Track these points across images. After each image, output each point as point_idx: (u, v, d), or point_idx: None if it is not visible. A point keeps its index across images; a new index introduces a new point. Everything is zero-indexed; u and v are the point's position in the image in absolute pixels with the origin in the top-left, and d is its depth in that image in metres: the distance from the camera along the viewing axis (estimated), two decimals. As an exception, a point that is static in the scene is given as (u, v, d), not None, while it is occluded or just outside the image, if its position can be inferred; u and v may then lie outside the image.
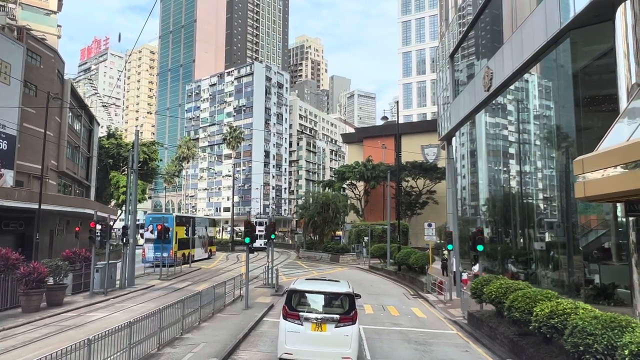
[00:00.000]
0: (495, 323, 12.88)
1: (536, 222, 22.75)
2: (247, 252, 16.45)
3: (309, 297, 9.76)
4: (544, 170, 21.90)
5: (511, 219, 25.45)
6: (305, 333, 9.13)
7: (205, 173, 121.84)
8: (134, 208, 23.79)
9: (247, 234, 15.91)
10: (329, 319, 9.17)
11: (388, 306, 18.88)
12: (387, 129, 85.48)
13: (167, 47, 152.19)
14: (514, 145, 25.72)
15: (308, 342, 9.09)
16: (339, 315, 9.25)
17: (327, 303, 9.70)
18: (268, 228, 22.10)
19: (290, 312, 9.36)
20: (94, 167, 52.10)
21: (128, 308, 16.48)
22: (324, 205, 44.29)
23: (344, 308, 9.46)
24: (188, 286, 23.01)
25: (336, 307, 9.64)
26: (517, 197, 25.03)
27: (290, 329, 9.25)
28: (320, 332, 9.12)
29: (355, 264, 40.67)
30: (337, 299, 9.76)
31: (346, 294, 9.64)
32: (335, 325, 9.12)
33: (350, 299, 9.54)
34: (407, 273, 27.21)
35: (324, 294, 9.80)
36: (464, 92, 28.25)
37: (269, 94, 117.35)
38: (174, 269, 29.21)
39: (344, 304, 9.55)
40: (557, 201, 19.98)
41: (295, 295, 9.66)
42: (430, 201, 62.06)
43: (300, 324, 9.23)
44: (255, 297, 19.39)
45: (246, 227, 16.03)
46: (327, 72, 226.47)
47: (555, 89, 19.46)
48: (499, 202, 26.83)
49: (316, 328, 9.14)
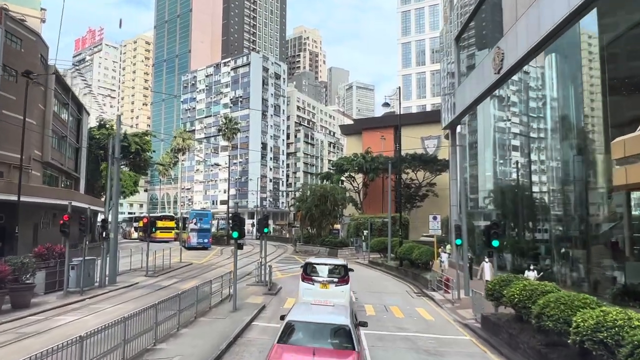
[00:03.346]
0: (516, 330, 11.25)
1: (550, 214, 21.15)
2: (235, 248, 14.77)
3: (317, 267, 14.68)
4: (560, 159, 20.26)
5: (520, 212, 23.84)
6: (316, 289, 13.75)
7: (202, 165, 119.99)
8: (116, 200, 22.10)
9: (235, 228, 14.23)
10: (331, 281, 14.02)
11: (391, 306, 17.26)
12: (386, 120, 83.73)
13: (162, 37, 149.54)
14: (526, 133, 24.03)
15: (318, 295, 13.28)
16: (337, 278, 14.16)
17: (329, 271, 14.56)
18: (260, 221, 20.42)
19: (306, 277, 14.19)
20: (84, 158, 50.25)
21: (102, 310, 14.81)
22: (321, 197, 42.63)
23: (341, 274, 14.38)
24: (175, 284, 21.37)
25: (335, 273, 14.46)
26: (527, 189, 23.39)
27: (306, 287, 13.95)
28: (326, 289, 13.75)
29: (354, 258, 39.08)
30: (336, 269, 14.77)
31: (342, 265, 15.08)
32: (335, 284, 13.93)
33: (344, 269, 14.65)
34: (409, 269, 25.62)
35: (327, 265, 14.98)
36: (471, 76, 26.49)
37: (266, 84, 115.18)
38: (162, 264, 27.61)
39: (341, 271, 14.56)
40: (573, 192, 18.35)
41: (309, 266, 14.66)
42: (430, 194, 60.49)
43: (312, 284, 13.95)
44: (246, 297, 17.76)
45: (234, 220, 14.34)
46: (325, 63, 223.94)
47: (575, 67, 17.74)
48: (507, 193, 25.19)
49: (323, 287, 13.85)
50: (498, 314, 13.54)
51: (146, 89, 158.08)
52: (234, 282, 14.89)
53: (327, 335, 7.83)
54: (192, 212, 50.83)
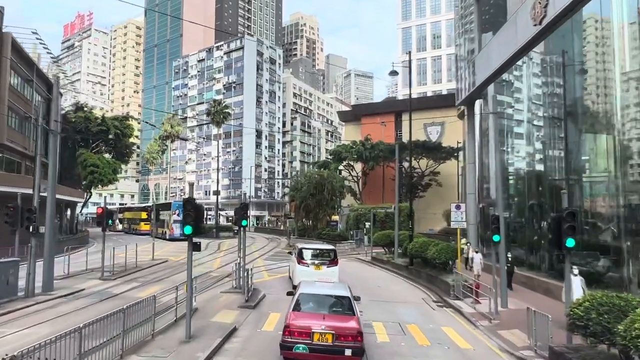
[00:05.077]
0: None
1: (606, 204, 16.72)
2: (190, 250, 10.21)
3: (311, 252, 17.73)
4: (618, 136, 15.81)
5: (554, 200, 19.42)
6: (310, 271, 16.44)
7: (194, 155, 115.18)
8: (52, 182, 17.55)
9: (189, 220, 9.74)
10: (323, 263, 17.17)
11: (408, 325, 12.84)
12: (387, 106, 79.42)
13: (153, 21, 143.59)
14: (573, 105, 19.42)
15: (312, 275, 15.43)
16: (328, 261, 17.36)
17: (321, 255, 17.72)
18: (238, 212, 15.92)
19: (302, 261, 17.08)
20: (57, 143, 45.44)
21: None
22: (318, 185, 38.14)
23: (331, 257, 17.60)
24: (130, 290, 16.91)
25: (326, 257, 17.66)
26: (581, 171, 18.91)
27: (302, 269, 16.70)
28: (319, 270, 16.62)
29: (354, 254, 34.67)
30: (327, 252, 18.01)
31: (332, 249, 18.45)
32: (327, 266, 17.05)
33: (333, 252, 17.97)
34: (422, 269, 21.22)
35: (319, 250, 18.33)
36: (498, 36, 21.82)
37: (260, 70, 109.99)
38: (133, 262, 23.17)
39: (331, 254, 17.77)
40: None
41: (304, 250, 17.68)
42: (434, 183, 56.27)
43: (307, 266, 16.88)
44: (213, 313, 13.32)
45: (186, 209, 9.82)
46: (322, 51, 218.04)
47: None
48: (546, 179, 20.70)
49: (316, 268, 16.78)
50: (575, 347, 9.14)
51: (137, 75, 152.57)
52: (188, 299, 10.34)
53: (333, 304, 9.72)
54: (175, 203, 47.49)
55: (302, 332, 8.56)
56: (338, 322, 8.88)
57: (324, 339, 8.49)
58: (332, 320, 8.87)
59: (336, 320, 8.95)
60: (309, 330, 8.55)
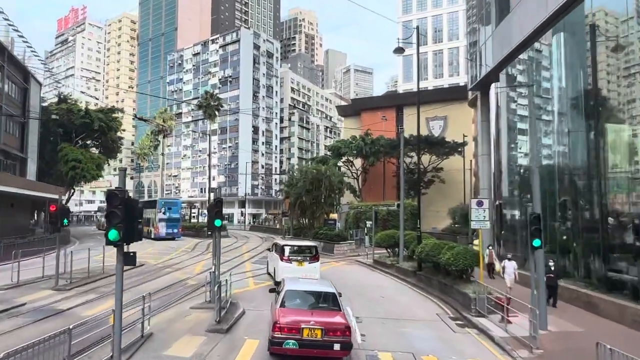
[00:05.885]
0: None
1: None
2: (119, 265, 7.15)
3: (294, 249, 18.25)
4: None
5: (598, 196, 16.42)
6: (293, 267, 16.77)
7: (189, 151, 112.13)
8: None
9: (115, 221, 6.73)
10: (305, 259, 17.47)
11: (425, 358, 9.83)
12: (387, 99, 76.44)
13: (147, 14, 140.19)
14: (616, 86, 16.36)
15: (295, 272, 15.87)
16: (310, 257, 17.66)
17: (303, 251, 18.25)
18: (211, 208, 12.87)
19: (284, 257, 17.25)
20: (35, 136, 42.44)
21: None
22: (314, 181, 35.05)
23: (313, 253, 17.91)
24: (81, 305, 13.87)
25: (308, 253, 18.02)
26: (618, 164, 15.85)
27: (285, 265, 16.91)
28: (301, 266, 16.96)
29: (354, 255, 31.65)
30: (309, 249, 18.40)
31: (313, 246, 18.77)
32: (309, 262, 17.31)
33: (315, 248, 18.35)
34: (434, 276, 18.22)
35: (302, 247, 18.93)
36: (524, 3, 18.72)
37: (257, 63, 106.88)
38: (101, 267, 20.17)
39: (312, 251, 18.12)
40: None
41: (286, 247, 17.82)
42: (436, 179, 53.37)
43: (290, 262, 17.11)
44: (174, 338, 10.31)
45: (111, 204, 6.77)
46: (321, 46, 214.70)
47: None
48: (580, 174, 17.65)
49: (299, 265, 17.04)
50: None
51: (132, 70, 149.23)
52: (115, 342, 7.27)
53: (319, 300, 9.99)
54: (160, 201, 46.26)
55: (292, 328, 8.62)
56: (326, 317, 9.03)
57: (314, 334, 8.60)
58: (321, 316, 9.02)
59: (324, 315, 9.12)
60: (298, 326, 8.63)
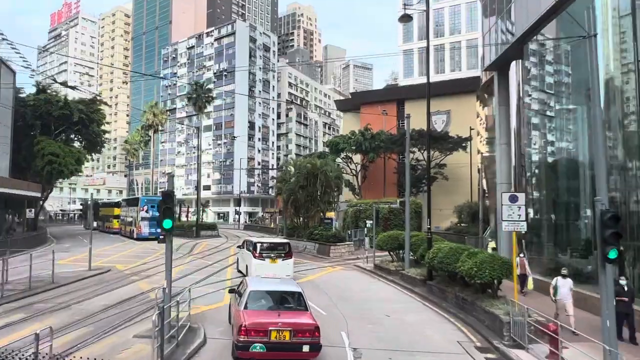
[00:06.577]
0: None
1: None
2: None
3: (266, 246, 18.41)
4: None
5: None
6: (266, 264, 17.05)
7: (184, 147, 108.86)
8: None
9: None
10: (278, 256, 17.78)
11: None
12: (388, 94, 72.91)
13: (141, 8, 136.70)
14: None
15: (268, 269, 16.32)
16: (283, 254, 18.05)
17: (276, 248, 18.39)
18: (160, 205, 9.70)
19: (258, 255, 17.46)
20: (7, 128, 39.09)
21: None
22: (309, 175, 31.80)
23: (285, 250, 18.32)
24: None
25: (281, 250, 18.33)
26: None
27: (258, 262, 17.12)
28: (274, 263, 17.33)
29: (353, 258, 28.33)
30: (281, 246, 18.72)
31: (286, 243, 19.26)
32: (282, 259, 17.76)
33: (288, 245, 18.78)
34: (448, 287, 15.00)
35: (274, 244, 19.14)
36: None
37: (253, 57, 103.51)
38: (29, 279, 16.89)
39: (285, 248, 18.49)
40: None
41: (259, 244, 18.08)
42: (439, 176, 50.11)
43: (263, 260, 17.33)
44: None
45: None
46: (320, 42, 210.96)
47: None
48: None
49: (272, 262, 17.36)
50: None
51: (126, 65, 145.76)
52: None
53: (284, 300, 9.60)
54: (143, 199, 43.11)
55: (259, 331, 8.22)
56: (294, 318, 8.75)
57: (282, 336, 8.25)
58: (288, 317, 8.69)
59: (291, 316, 8.81)
60: (265, 328, 8.25)
